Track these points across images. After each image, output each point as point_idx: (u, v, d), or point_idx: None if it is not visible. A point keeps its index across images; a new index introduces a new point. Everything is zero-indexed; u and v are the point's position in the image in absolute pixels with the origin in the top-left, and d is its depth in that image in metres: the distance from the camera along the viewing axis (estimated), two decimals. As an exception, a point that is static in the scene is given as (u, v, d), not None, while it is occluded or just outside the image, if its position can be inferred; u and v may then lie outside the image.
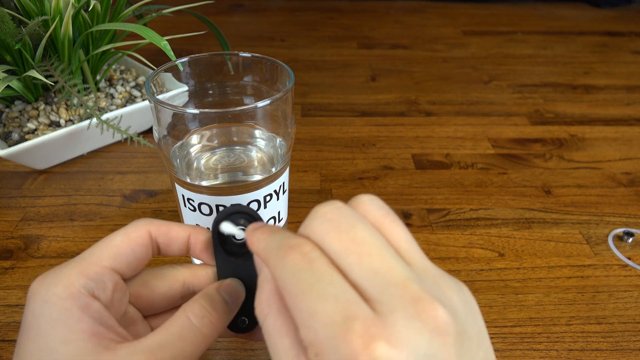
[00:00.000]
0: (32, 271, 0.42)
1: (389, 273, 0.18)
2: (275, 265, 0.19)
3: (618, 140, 0.63)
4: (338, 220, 0.19)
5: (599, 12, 1.12)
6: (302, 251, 0.18)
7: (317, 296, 0.17)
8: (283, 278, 0.18)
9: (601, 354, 0.36)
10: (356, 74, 0.79)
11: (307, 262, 0.18)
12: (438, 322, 0.16)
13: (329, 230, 0.19)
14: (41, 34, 0.49)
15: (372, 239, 0.19)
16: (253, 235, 0.21)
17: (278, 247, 0.19)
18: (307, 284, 0.18)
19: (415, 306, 0.17)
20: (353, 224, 0.19)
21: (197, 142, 0.35)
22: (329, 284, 0.17)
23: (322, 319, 0.17)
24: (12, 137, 0.51)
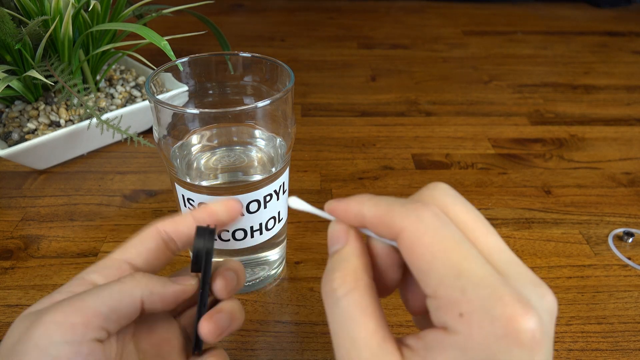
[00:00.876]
0: (32, 271, 0.42)
1: (511, 255, 0.18)
2: (408, 219, 0.18)
3: (618, 140, 0.63)
4: (460, 197, 0.20)
5: (599, 12, 1.12)
6: (433, 210, 0.18)
7: (464, 255, 0.17)
8: (420, 230, 0.17)
9: (601, 354, 0.36)
10: (356, 74, 0.79)
11: (443, 222, 0.18)
12: (554, 306, 0.18)
13: (455, 202, 0.19)
14: (41, 34, 0.49)
15: (488, 223, 0.19)
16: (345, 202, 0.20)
17: (403, 204, 0.18)
18: (451, 241, 0.17)
19: (538, 288, 0.17)
20: (472, 206, 0.20)
21: (197, 142, 0.35)
22: (472, 250, 0.17)
23: (473, 279, 0.16)
24: (12, 137, 0.51)
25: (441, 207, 0.19)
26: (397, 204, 0.19)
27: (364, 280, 0.19)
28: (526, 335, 0.16)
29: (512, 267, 0.18)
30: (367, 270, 0.19)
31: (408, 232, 0.18)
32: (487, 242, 0.18)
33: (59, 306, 0.21)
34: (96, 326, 0.21)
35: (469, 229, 0.18)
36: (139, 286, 0.22)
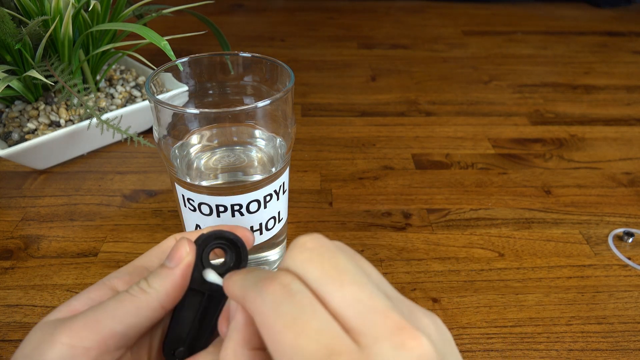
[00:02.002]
0: (32, 271, 0.42)
1: (370, 301, 0.17)
2: (254, 299, 0.18)
3: (618, 140, 0.63)
4: (318, 249, 0.19)
5: (599, 12, 1.12)
6: (282, 282, 0.18)
7: (300, 330, 0.16)
8: (262, 312, 0.17)
9: (601, 354, 0.36)
10: (356, 74, 0.79)
11: (287, 294, 0.17)
12: (422, 350, 0.16)
13: (309, 258, 0.18)
14: (41, 34, 0.49)
15: (353, 267, 0.18)
16: (229, 279, 0.20)
17: (256, 282, 0.19)
18: (289, 317, 0.17)
19: (399, 335, 0.16)
20: (334, 253, 0.19)
21: (197, 142, 0.35)
22: (312, 316, 0.17)
23: (306, 355, 0.16)
24: (12, 137, 0.51)
25: (297, 269, 0.18)
26: (253, 283, 0.19)
27: (243, 354, 0.19)
28: None
29: (367, 317, 0.17)
30: (249, 343, 0.19)
31: (256, 316, 0.18)
32: (341, 296, 0.17)
33: (74, 324, 0.20)
34: (112, 348, 0.20)
35: (321, 285, 0.18)
36: (157, 297, 0.22)
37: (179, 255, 0.22)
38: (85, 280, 0.41)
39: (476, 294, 0.41)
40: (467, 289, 0.41)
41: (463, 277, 0.42)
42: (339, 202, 0.50)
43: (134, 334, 0.21)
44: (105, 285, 0.23)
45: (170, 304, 0.22)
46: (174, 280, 0.22)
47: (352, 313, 0.17)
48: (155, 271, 0.23)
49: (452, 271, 0.43)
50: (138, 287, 0.22)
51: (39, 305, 0.39)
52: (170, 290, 0.22)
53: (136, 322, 0.21)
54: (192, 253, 0.23)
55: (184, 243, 0.23)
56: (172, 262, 0.22)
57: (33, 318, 0.38)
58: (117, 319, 0.21)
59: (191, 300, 0.23)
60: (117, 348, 0.21)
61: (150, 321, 0.22)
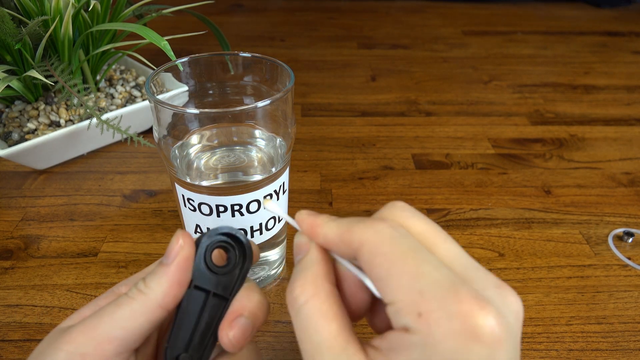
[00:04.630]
0: (32, 271, 0.42)
1: (470, 259, 0.19)
2: (364, 230, 0.19)
3: (618, 140, 0.63)
4: (417, 212, 0.20)
5: (599, 12, 1.12)
6: (389, 223, 0.19)
7: (422, 260, 0.17)
8: (377, 240, 0.18)
9: (601, 354, 0.36)
10: (356, 74, 0.79)
11: (400, 233, 0.18)
12: (519, 307, 0.18)
13: (412, 215, 0.20)
14: (41, 34, 0.49)
15: (447, 234, 0.20)
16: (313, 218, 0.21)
17: (358, 221, 0.19)
18: (408, 249, 0.18)
19: (502, 290, 0.18)
20: (428, 219, 0.20)
21: (197, 142, 0.35)
22: (429, 255, 0.18)
23: (430, 280, 0.17)
24: (12, 137, 0.51)
25: (399, 222, 0.19)
26: (356, 221, 0.19)
27: (324, 287, 0.19)
28: (484, 330, 0.16)
29: (472, 271, 0.18)
30: (327, 277, 0.20)
31: (367, 245, 0.18)
32: (445, 249, 0.19)
33: (74, 332, 0.20)
34: (110, 354, 0.20)
35: (427, 238, 0.19)
36: (155, 297, 0.21)
37: (174, 250, 0.21)
38: (85, 280, 0.41)
39: (476, 294, 0.41)
40: (467, 289, 0.41)
41: (463, 277, 0.42)
42: (339, 202, 0.50)
43: (135, 338, 0.21)
44: (114, 293, 0.23)
45: (170, 304, 0.21)
46: (170, 278, 0.21)
47: (458, 264, 0.18)
48: (153, 270, 0.22)
49: (452, 271, 0.43)
50: (136, 288, 0.21)
51: (39, 305, 0.39)
52: (168, 289, 0.21)
53: (135, 325, 0.20)
54: (187, 246, 0.22)
55: (177, 236, 0.22)
56: (167, 258, 0.21)
57: (33, 318, 0.38)
58: (114, 323, 0.20)
59: (194, 300, 0.22)
60: (116, 353, 0.20)
61: (151, 323, 0.21)
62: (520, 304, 0.18)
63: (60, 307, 0.39)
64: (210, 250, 0.22)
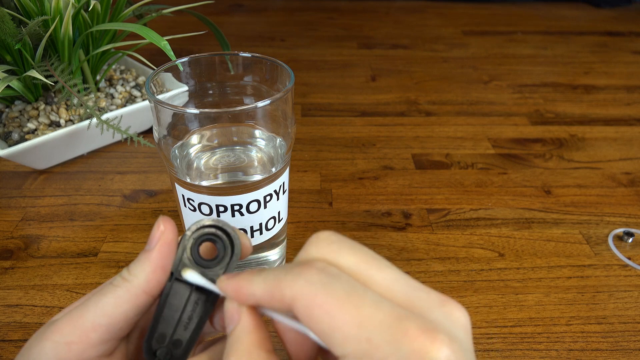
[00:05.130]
0: (32, 271, 0.42)
1: (409, 281, 0.18)
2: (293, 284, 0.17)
3: (618, 140, 0.63)
4: (345, 241, 0.19)
5: (599, 12, 1.12)
6: (319, 267, 0.18)
7: (360, 303, 0.16)
8: (310, 293, 0.17)
9: (601, 354, 0.36)
10: (356, 74, 0.79)
11: (331, 276, 0.17)
12: (466, 320, 0.18)
13: (339, 248, 0.19)
14: (41, 34, 0.49)
15: (379, 257, 0.19)
16: (236, 280, 0.19)
17: (286, 272, 0.18)
18: (343, 293, 0.17)
19: (446, 306, 0.17)
20: (360, 245, 0.19)
21: (197, 142, 0.35)
22: (365, 291, 0.17)
23: (375, 323, 0.16)
24: (12, 137, 0.51)
25: (328, 258, 0.18)
26: (283, 272, 0.18)
27: (260, 357, 0.18)
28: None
29: (413, 293, 0.17)
30: (263, 345, 0.19)
31: (300, 300, 0.17)
32: (382, 278, 0.18)
33: (60, 323, 0.20)
34: (95, 342, 0.20)
35: (360, 271, 0.18)
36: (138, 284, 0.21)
37: (155, 235, 0.21)
38: (85, 280, 0.41)
39: (476, 294, 0.41)
40: (467, 289, 0.41)
41: (463, 277, 0.42)
42: (339, 202, 0.50)
43: (120, 325, 0.20)
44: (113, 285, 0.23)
45: (154, 289, 0.21)
46: (152, 263, 0.21)
47: (397, 291, 0.18)
48: (137, 257, 0.21)
49: (452, 271, 0.43)
50: (120, 276, 0.21)
51: (39, 305, 0.39)
52: (151, 275, 0.21)
53: (120, 312, 0.20)
54: (168, 232, 0.21)
55: (159, 222, 0.21)
56: (150, 243, 0.21)
57: (33, 318, 0.38)
58: (98, 311, 0.20)
59: (176, 292, 0.21)
60: (102, 341, 0.20)
61: (136, 310, 0.21)
62: (467, 316, 0.18)
63: (60, 307, 0.39)
64: (198, 243, 0.22)
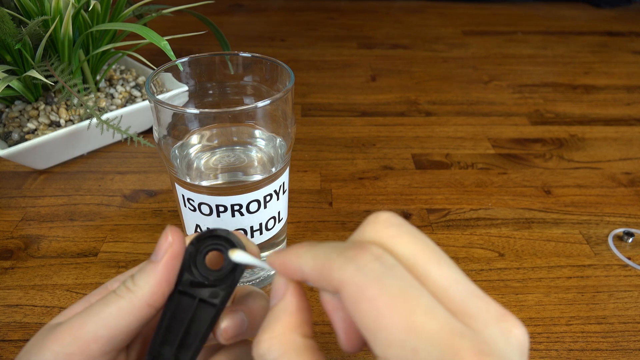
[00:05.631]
0: (32, 271, 0.42)
1: (469, 284, 0.16)
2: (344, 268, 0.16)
3: (618, 140, 0.63)
4: (406, 226, 0.17)
5: (599, 12, 1.12)
6: (374, 254, 0.16)
7: (413, 306, 0.15)
8: (359, 283, 0.15)
9: (601, 354, 0.36)
10: (356, 74, 0.79)
11: (386, 267, 0.16)
12: (525, 339, 0.16)
13: (399, 234, 0.17)
14: (41, 34, 0.49)
15: (440, 251, 0.17)
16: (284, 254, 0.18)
17: (339, 252, 0.17)
18: (397, 291, 0.15)
19: (505, 322, 0.16)
20: (420, 233, 0.17)
21: (197, 142, 0.35)
22: (420, 293, 0.15)
23: (426, 334, 0.14)
24: (12, 137, 0.51)
25: (385, 243, 0.17)
26: (335, 252, 0.17)
27: (295, 342, 0.17)
28: None
29: (471, 300, 0.16)
30: (300, 329, 0.18)
31: (349, 287, 0.16)
32: (440, 276, 0.16)
33: (61, 331, 0.20)
34: (96, 353, 0.20)
35: (418, 263, 0.17)
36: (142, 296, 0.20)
37: (162, 247, 0.21)
38: (85, 280, 0.41)
39: (476, 294, 0.41)
40: (467, 289, 0.41)
41: (463, 277, 0.42)
42: (339, 202, 0.50)
43: (122, 337, 0.20)
44: (107, 289, 0.23)
45: (158, 302, 0.20)
46: (158, 276, 0.20)
47: (455, 293, 0.16)
48: (141, 267, 0.21)
49: (452, 271, 0.43)
50: (124, 286, 0.20)
51: (39, 305, 0.39)
52: (156, 288, 0.20)
53: (122, 324, 0.20)
54: (177, 244, 0.21)
55: (166, 233, 0.21)
56: (156, 255, 0.21)
57: (33, 318, 0.38)
58: (100, 322, 0.20)
59: (180, 305, 0.21)
60: (103, 352, 0.20)
61: (139, 321, 0.20)
62: (525, 335, 0.16)
63: (60, 307, 0.39)
64: (203, 253, 0.21)
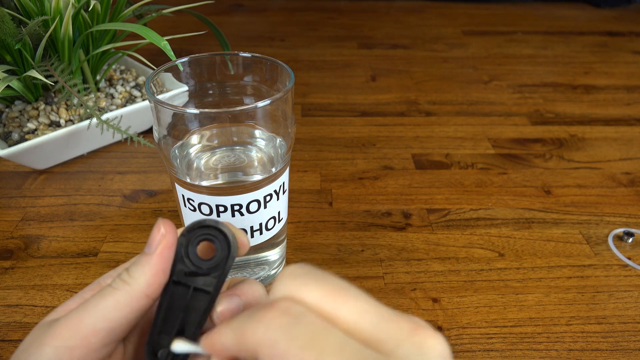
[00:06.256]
0: (32, 271, 0.42)
1: (377, 311, 0.17)
2: (255, 331, 0.16)
3: (618, 140, 0.63)
4: (311, 273, 0.18)
5: (599, 12, 1.12)
6: (281, 308, 0.17)
7: (322, 348, 0.15)
8: (271, 340, 0.16)
9: (601, 354, 0.36)
10: (356, 74, 0.79)
11: (293, 318, 0.16)
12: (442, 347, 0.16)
13: (304, 282, 0.18)
14: (41, 34, 0.49)
15: (348, 285, 0.18)
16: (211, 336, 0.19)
17: (249, 318, 0.17)
18: (305, 338, 0.16)
19: (417, 336, 0.16)
20: (327, 276, 0.18)
21: (197, 142, 0.35)
22: (328, 333, 0.16)
23: None
24: (12, 137, 0.51)
25: (293, 295, 0.17)
26: (248, 318, 0.17)
27: None
28: None
29: (381, 326, 0.16)
30: None
31: (262, 348, 0.16)
32: (347, 312, 0.17)
33: (59, 327, 0.20)
34: (96, 346, 0.20)
35: (325, 305, 0.17)
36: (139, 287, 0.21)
37: (156, 238, 0.21)
38: (85, 280, 0.41)
39: (476, 294, 0.41)
40: (467, 289, 0.41)
41: (463, 277, 0.42)
42: (339, 202, 0.50)
43: (121, 328, 0.20)
44: (100, 285, 0.23)
45: (154, 293, 0.21)
46: (153, 267, 0.21)
47: (364, 325, 0.17)
48: (136, 259, 0.21)
49: (452, 271, 0.43)
50: (120, 279, 0.21)
51: (39, 305, 0.39)
52: (152, 278, 0.21)
53: (120, 315, 0.20)
54: (169, 235, 0.21)
55: (159, 225, 0.21)
56: (150, 247, 0.21)
57: (33, 318, 0.38)
58: (98, 315, 0.20)
59: (173, 294, 0.21)
60: (103, 345, 0.20)
61: (136, 313, 0.21)
62: (442, 343, 0.16)
63: (60, 307, 0.39)
64: (195, 244, 0.22)
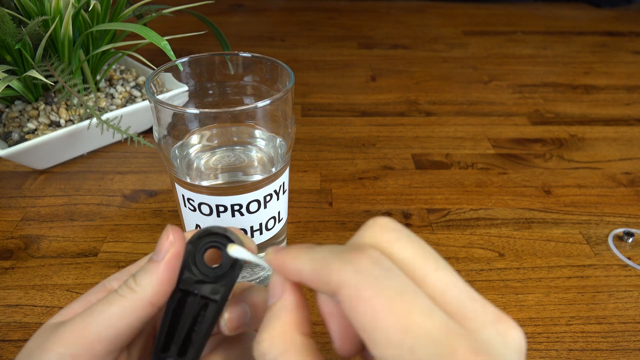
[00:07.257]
0: (32, 271, 0.42)
1: (466, 288, 0.17)
2: (343, 270, 0.16)
3: (618, 140, 0.63)
4: (403, 230, 0.18)
5: (599, 12, 1.12)
6: (372, 256, 0.16)
7: (410, 306, 0.15)
8: (358, 284, 0.16)
9: (601, 354, 0.36)
10: (356, 74, 0.79)
11: (383, 269, 0.16)
12: (523, 342, 0.16)
13: (397, 238, 0.17)
14: (41, 34, 0.49)
15: (438, 255, 0.17)
16: (283, 255, 0.19)
17: (337, 255, 0.17)
18: (394, 292, 0.15)
19: (502, 324, 0.16)
20: (418, 238, 0.18)
21: (197, 142, 0.35)
22: (419, 296, 0.16)
23: (422, 333, 0.15)
24: (12, 137, 0.51)
25: (383, 247, 0.17)
26: (334, 254, 0.17)
27: (295, 340, 0.17)
28: None
29: (468, 303, 0.16)
30: (300, 327, 0.18)
31: (346, 289, 0.16)
32: (437, 279, 0.17)
33: (64, 332, 0.20)
34: (101, 353, 0.20)
35: (415, 266, 0.17)
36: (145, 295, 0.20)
37: (164, 246, 0.21)
38: (85, 280, 0.41)
39: (476, 294, 0.41)
40: (467, 289, 0.41)
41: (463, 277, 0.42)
42: (339, 202, 0.50)
43: (126, 335, 0.20)
44: (105, 287, 0.23)
45: (160, 301, 0.21)
46: (160, 275, 0.20)
47: (451, 297, 0.16)
48: (143, 266, 0.21)
49: (452, 271, 0.43)
50: (126, 285, 0.21)
51: (39, 305, 0.39)
52: (158, 287, 0.20)
53: (126, 323, 0.20)
54: (178, 243, 0.21)
55: (167, 232, 0.21)
56: (158, 255, 0.21)
57: (33, 318, 0.38)
58: (104, 322, 0.20)
59: (182, 302, 0.21)
60: (107, 352, 0.20)
61: (141, 320, 0.20)
62: (523, 337, 0.16)
63: (60, 307, 0.39)
64: (202, 251, 0.22)
